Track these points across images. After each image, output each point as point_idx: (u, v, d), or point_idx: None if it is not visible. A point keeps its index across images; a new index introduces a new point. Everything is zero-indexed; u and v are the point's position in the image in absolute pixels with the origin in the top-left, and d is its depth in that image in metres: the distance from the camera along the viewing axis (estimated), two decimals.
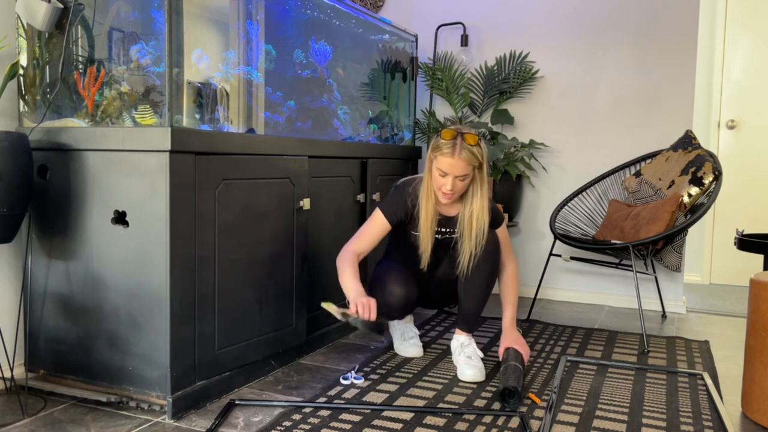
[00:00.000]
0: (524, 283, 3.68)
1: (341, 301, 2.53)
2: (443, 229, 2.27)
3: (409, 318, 2.53)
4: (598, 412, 1.91)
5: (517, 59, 3.60)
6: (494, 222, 2.29)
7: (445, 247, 2.30)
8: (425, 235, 2.20)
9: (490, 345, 2.61)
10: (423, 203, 2.18)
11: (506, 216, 3.41)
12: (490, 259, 2.22)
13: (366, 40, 3.23)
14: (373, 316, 1.99)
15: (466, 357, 2.21)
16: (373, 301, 2.02)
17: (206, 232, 1.91)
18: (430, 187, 2.17)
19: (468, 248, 2.18)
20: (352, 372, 2.19)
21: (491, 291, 2.28)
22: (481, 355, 2.29)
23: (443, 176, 2.10)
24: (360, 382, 2.12)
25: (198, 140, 1.86)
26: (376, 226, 2.22)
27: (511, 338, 2.26)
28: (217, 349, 1.98)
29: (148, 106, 1.92)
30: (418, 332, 2.52)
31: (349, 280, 2.09)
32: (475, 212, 2.16)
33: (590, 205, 3.43)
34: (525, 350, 2.22)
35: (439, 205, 2.22)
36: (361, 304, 1.99)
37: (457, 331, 2.31)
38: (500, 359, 2.22)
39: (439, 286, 2.39)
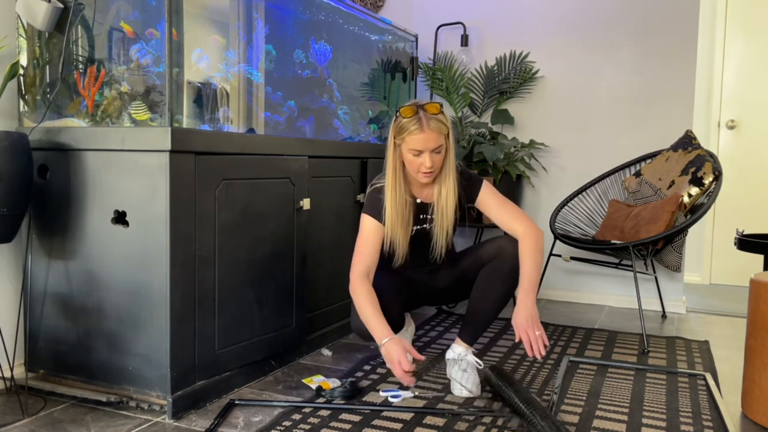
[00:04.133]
0: None
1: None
2: (422, 216, 2.10)
3: (406, 327, 2.38)
4: (598, 412, 1.91)
5: (517, 59, 3.60)
6: (473, 187, 2.08)
7: (421, 239, 2.13)
8: (397, 229, 2.02)
9: (490, 345, 2.61)
10: (388, 194, 2.00)
11: None
12: (510, 277, 2.02)
13: (366, 40, 3.23)
14: (406, 367, 1.81)
15: (461, 370, 2.06)
16: (401, 352, 1.83)
17: (206, 232, 1.91)
18: (397, 176, 2.00)
19: (440, 227, 2.03)
20: (391, 390, 2.06)
21: (502, 309, 2.08)
22: (480, 365, 2.10)
23: (418, 155, 1.93)
24: (397, 400, 1.98)
25: (198, 140, 1.86)
26: (370, 232, 2.03)
27: (521, 315, 1.90)
28: (217, 349, 1.98)
29: (141, 102, 1.92)
30: (410, 341, 2.39)
31: (375, 324, 1.91)
32: (445, 187, 2.01)
33: (590, 205, 3.43)
34: (536, 327, 1.89)
35: (417, 192, 2.07)
36: (395, 364, 1.82)
37: (458, 340, 2.13)
38: (515, 339, 2.01)
39: (444, 287, 2.25)
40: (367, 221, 2.05)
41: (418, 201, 2.09)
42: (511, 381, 1.96)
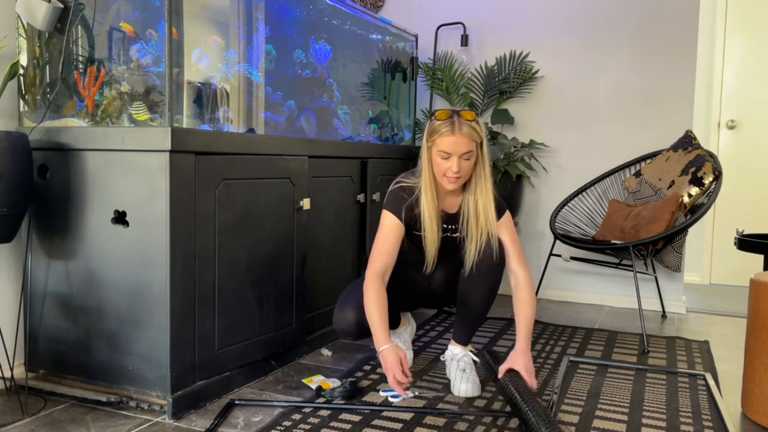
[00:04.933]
0: None
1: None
2: (445, 225, 2.08)
3: (405, 327, 2.40)
4: (598, 412, 1.91)
5: (517, 59, 3.60)
6: (498, 210, 2.05)
7: (446, 247, 2.13)
8: (430, 233, 2.00)
9: (489, 345, 2.61)
10: (424, 198, 1.98)
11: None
12: (494, 272, 2.03)
13: (366, 40, 3.23)
14: (399, 378, 1.82)
15: (459, 370, 2.08)
16: (397, 362, 1.84)
17: (206, 232, 1.91)
18: (430, 178, 1.98)
19: (476, 239, 1.98)
20: (391, 390, 2.05)
21: (491, 306, 2.11)
22: (477, 362, 2.16)
23: (446, 158, 1.92)
24: (397, 400, 1.98)
25: (198, 140, 1.86)
26: (390, 230, 2.00)
27: (519, 361, 1.94)
28: (217, 349, 1.98)
29: (142, 102, 1.92)
30: (410, 341, 2.40)
31: (377, 329, 1.91)
32: (481, 198, 1.98)
33: (590, 205, 3.43)
34: (531, 381, 1.91)
35: (441, 200, 2.05)
36: (389, 372, 1.84)
37: (452, 342, 2.17)
38: (497, 377, 1.98)
39: (437, 287, 2.26)
40: (388, 218, 2.02)
41: (440, 208, 2.06)
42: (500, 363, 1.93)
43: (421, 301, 2.34)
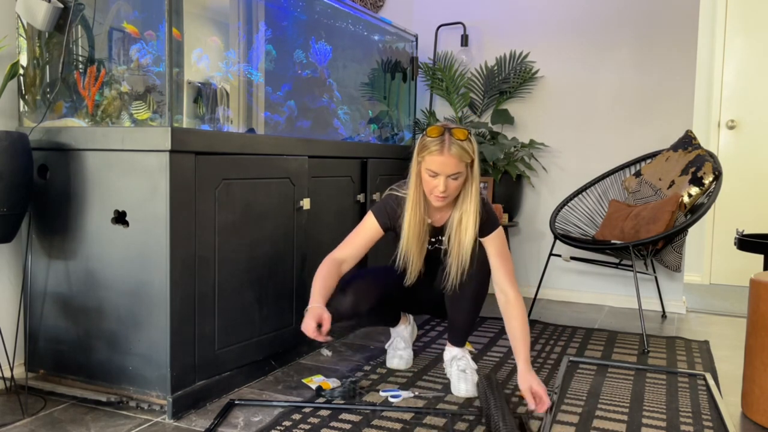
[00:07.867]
0: (524, 283, 3.67)
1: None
2: (433, 239, 2.09)
3: (405, 325, 2.39)
4: (598, 412, 1.91)
5: (517, 59, 3.60)
6: (488, 225, 2.02)
7: (436, 258, 2.13)
8: (412, 246, 2.00)
9: (489, 345, 2.60)
10: (409, 212, 1.98)
11: (506, 216, 3.41)
12: (480, 272, 2.04)
13: (366, 40, 3.23)
14: (313, 334, 1.80)
15: (459, 371, 2.08)
16: (316, 318, 1.83)
17: (206, 232, 1.91)
18: (419, 194, 1.97)
19: (456, 257, 1.99)
20: (391, 390, 2.06)
21: (482, 305, 2.11)
22: (475, 366, 2.15)
23: (434, 177, 1.90)
24: (397, 400, 1.98)
25: (198, 140, 1.86)
26: (366, 231, 2.04)
27: (534, 382, 1.86)
28: (217, 349, 1.98)
29: (142, 102, 1.92)
30: (410, 341, 2.39)
31: (314, 292, 1.92)
32: (464, 216, 1.97)
33: (590, 205, 3.43)
34: (545, 399, 1.82)
35: (430, 214, 2.06)
36: (304, 323, 1.83)
37: (448, 344, 2.18)
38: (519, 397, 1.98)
39: (432, 297, 2.24)
40: (369, 220, 2.05)
41: (428, 221, 2.05)
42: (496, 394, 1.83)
43: (421, 306, 2.33)
